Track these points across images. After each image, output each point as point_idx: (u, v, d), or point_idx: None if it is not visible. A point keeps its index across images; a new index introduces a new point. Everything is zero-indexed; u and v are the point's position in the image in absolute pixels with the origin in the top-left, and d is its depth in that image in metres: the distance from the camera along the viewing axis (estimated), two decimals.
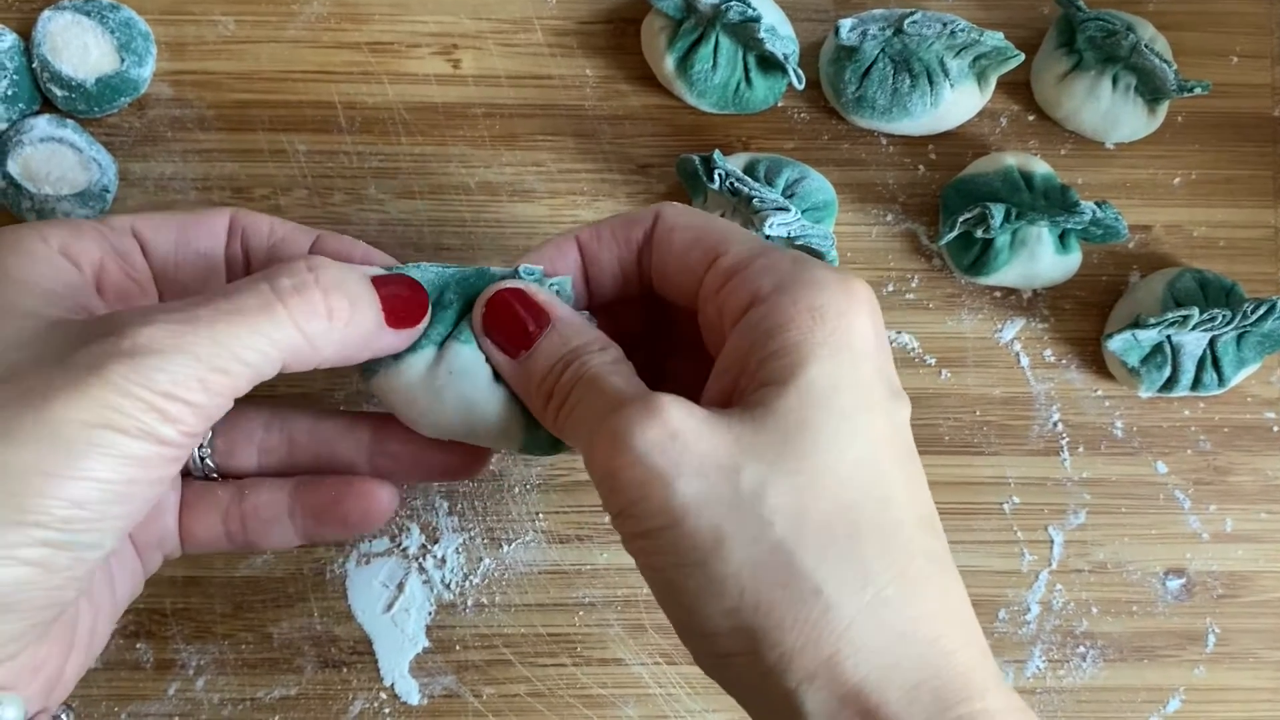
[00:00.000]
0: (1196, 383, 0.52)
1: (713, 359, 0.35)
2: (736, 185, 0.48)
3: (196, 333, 0.31)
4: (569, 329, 0.35)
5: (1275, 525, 0.53)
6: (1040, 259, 0.51)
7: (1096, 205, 0.50)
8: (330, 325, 0.33)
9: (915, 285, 0.54)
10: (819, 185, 0.51)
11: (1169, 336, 0.51)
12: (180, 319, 0.31)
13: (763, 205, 0.48)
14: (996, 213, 0.50)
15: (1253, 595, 0.53)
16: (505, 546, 0.51)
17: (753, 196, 0.48)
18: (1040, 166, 0.52)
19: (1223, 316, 0.50)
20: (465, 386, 0.36)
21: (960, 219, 0.50)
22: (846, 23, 0.51)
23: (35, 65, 0.51)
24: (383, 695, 0.51)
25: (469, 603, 0.51)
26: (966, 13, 0.54)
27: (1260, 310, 0.50)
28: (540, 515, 0.52)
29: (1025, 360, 0.54)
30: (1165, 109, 0.54)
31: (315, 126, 0.53)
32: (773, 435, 0.31)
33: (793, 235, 0.48)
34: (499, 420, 0.37)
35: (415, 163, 0.53)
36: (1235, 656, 0.53)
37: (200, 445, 0.39)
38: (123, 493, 0.31)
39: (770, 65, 0.52)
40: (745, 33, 0.50)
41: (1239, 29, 0.56)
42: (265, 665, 0.50)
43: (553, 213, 0.53)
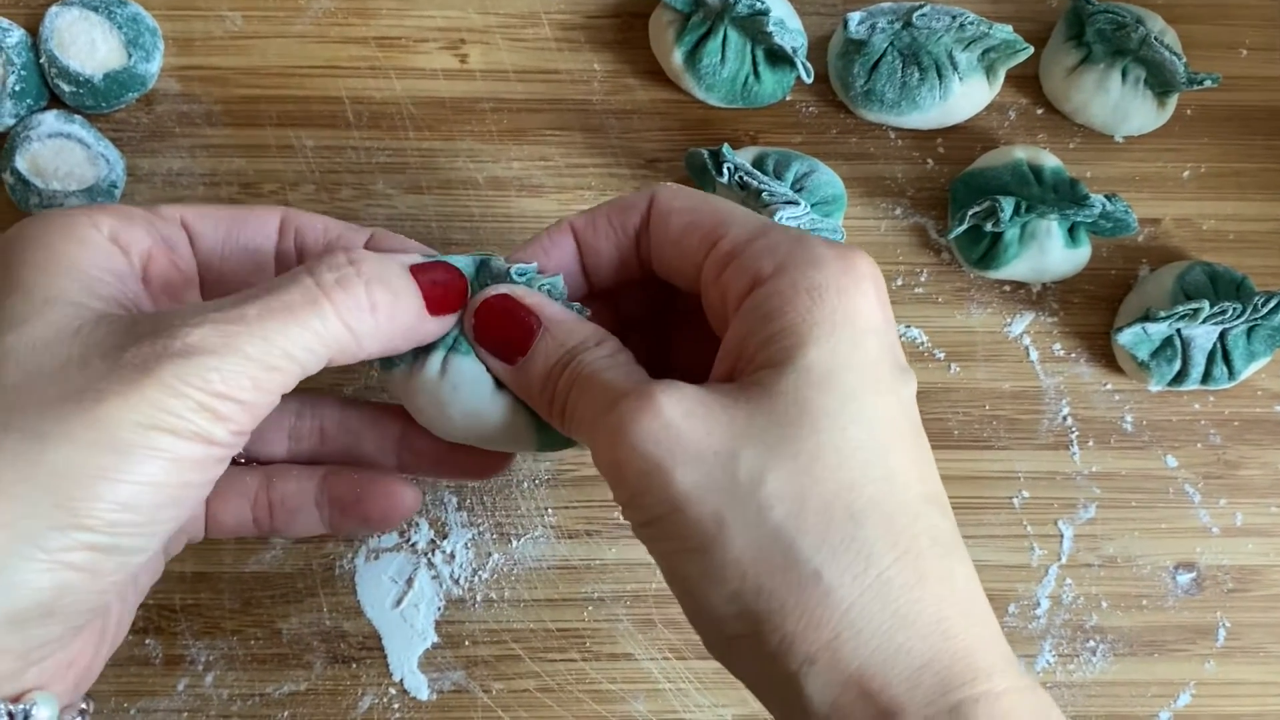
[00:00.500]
0: (1207, 376, 0.52)
1: (719, 339, 0.35)
2: (745, 179, 0.48)
3: (249, 331, 0.31)
4: (562, 329, 0.35)
5: None
6: (1049, 252, 0.51)
7: (1106, 198, 0.50)
8: (374, 319, 0.33)
9: (924, 279, 0.54)
10: (828, 179, 0.51)
11: (1179, 330, 0.51)
12: (230, 318, 0.31)
13: (772, 199, 0.48)
14: (1006, 206, 0.49)
15: (1263, 589, 0.53)
16: (514, 542, 0.51)
17: (762, 190, 0.48)
18: (1049, 160, 0.52)
19: (1233, 310, 0.50)
20: (469, 398, 0.36)
21: (969, 212, 0.50)
22: (855, 16, 0.51)
23: (43, 61, 0.50)
24: (392, 690, 0.50)
25: (478, 598, 0.51)
26: (975, 6, 0.54)
27: (1271, 303, 0.50)
28: (549, 510, 0.52)
29: (1034, 354, 0.54)
30: (1174, 102, 0.54)
31: (323, 122, 0.53)
32: (771, 419, 0.31)
33: (802, 229, 0.48)
34: (507, 427, 0.37)
35: (423, 158, 0.53)
36: (1246, 651, 0.53)
37: None
38: (174, 496, 0.30)
39: (779, 59, 0.52)
40: (753, 26, 0.50)
41: (1249, 22, 0.56)
42: (274, 661, 0.50)
43: (561, 207, 0.53)
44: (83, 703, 0.35)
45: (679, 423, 0.31)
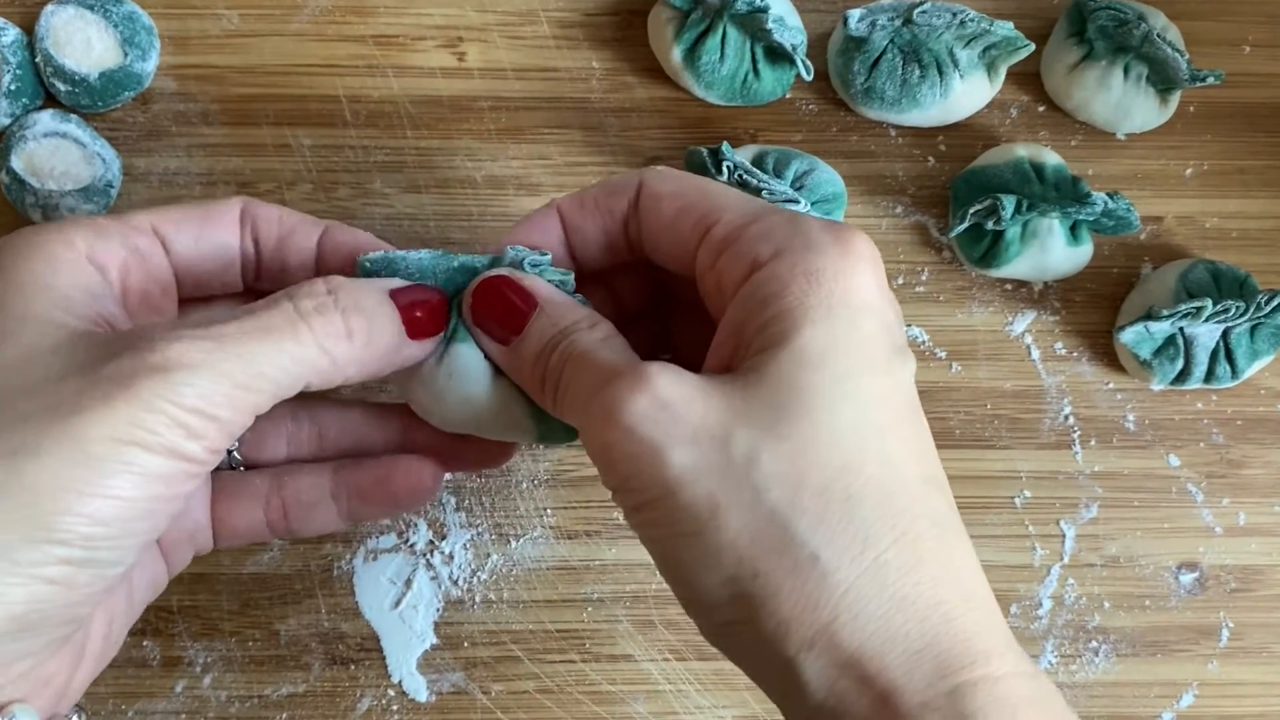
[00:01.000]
0: (1209, 375, 0.51)
1: (717, 324, 0.35)
2: (745, 177, 0.48)
3: (224, 350, 0.31)
4: (556, 309, 0.35)
5: None
6: (1051, 251, 0.51)
7: (1108, 196, 0.49)
8: (351, 345, 0.33)
9: (925, 278, 0.53)
10: (828, 177, 0.51)
11: (1181, 329, 0.51)
12: (208, 335, 0.31)
13: (772, 197, 0.48)
14: (1007, 204, 0.49)
15: (1266, 589, 0.53)
16: (513, 542, 0.51)
17: (762, 188, 0.48)
18: (1051, 158, 0.52)
19: (1236, 308, 0.49)
20: (466, 386, 0.36)
21: (971, 211, 0.50)
22: (855, 13, 0.50)
23: (38, 60, 0.50)
24: (390, 692, 0.50)
25: (477, 599, 0.51)
26: (976, 3, 0.54)
27: (1274, 301, 0.49)
28: (548, 511, 0.51)
29: (1036, 353, 0.53)
30: (1177, 99, 0.54)
31: (320, 120, 0.53)
32: (766, 401, 0.31)
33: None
34: (505, 416, 0.37)
35: (421, 156, 0.53)
36: (1249, 651, 0.53)
37: None
38: (146, 509, 0.31)
39: (778, 56, 0.52)
40: (753, 23, 0.50)
41: (1251, 18, 0.56)
42: (272, 662, 0.50)
43: None
44: (72, 713, 0.35)
45: (674, 403, 0.31)
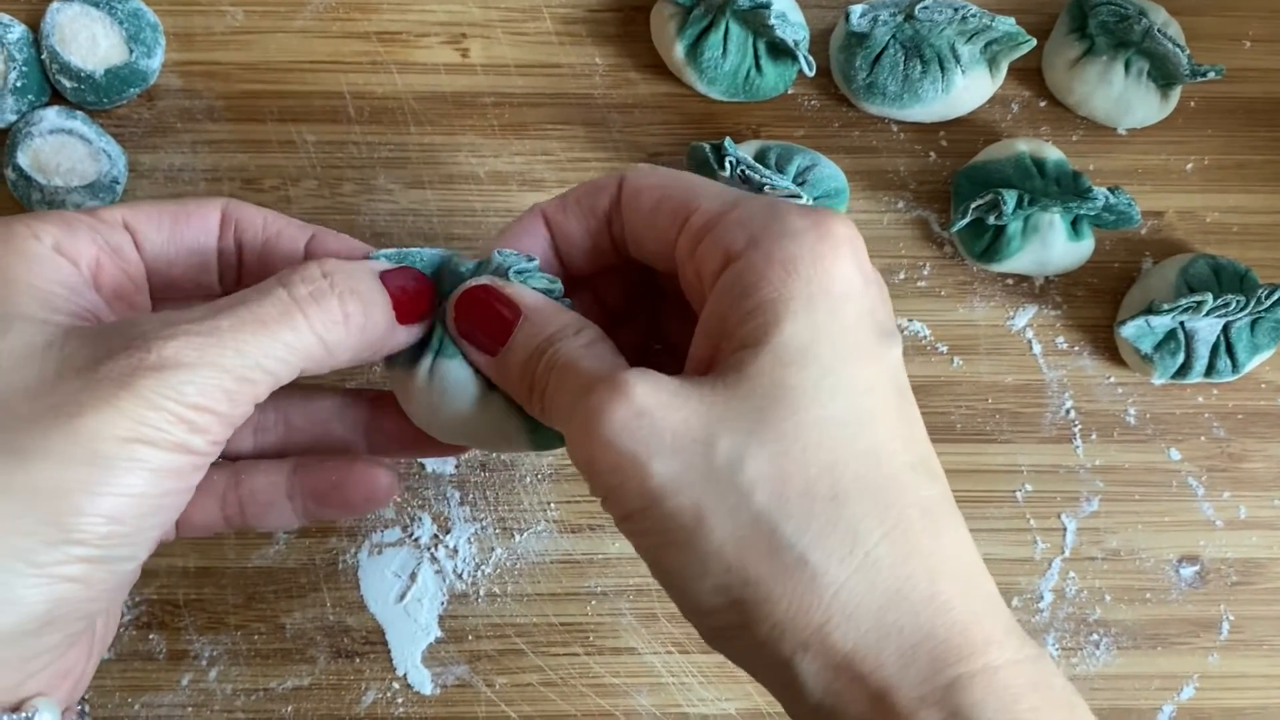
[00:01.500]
0: (1210, 369, 0.51)
1: (699, 315, 0.34)
2: (748, 173, 0.48)
3: (221, 344, 0.31)
4: (540, 317, 0.34)
5: None
6: (1052, 245, 0.51)
7: (1109, 191, 0.49)
8: (346, 330, 0.33)
9: (927, 273, 0.54)
10: (830, 173, 0.51)
11: (1182, 323, 0.51)
12: (203, 329, 0.31)
13: (774, 193, 0.48)
14: (1009, 199, 0.49)
15: (1267, 582, 0.53)
16: (517, 536, 0.51)
17: (764, 184, 0.48)
18: (1052, 153, 0.52)
19: (1237, 302, 0.49)
20: (457, 402, 0.36)
21: (972, 205, 0.50)
22: (857, 9, 0.51)
23: (44, 57, 0.50)
24: (395, 685, 0.51)
25: (481, 592, 0.51)
26: None
27: (1274, 296, 0.49)
28: (552, 505, 0.52)
29: (1037, 347, 0.54)
30: (1178, 94, 0.54)
31: (324, 117, 0.53)
32: (747, 402, 0.30)
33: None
34: (498, 430, 0.36)
35: (425, 152, 0.53)
36: (1249, 644, 0.53)
37: None
38: (158, 504, 0.31)
39: (780, 52, 0.52)
40: (755, 19, 0.50)
41: (1252, 13, 0.56)
42: (278, 656, 0.50)
43: None
44: (78, 705, 0.35)
45: (652, 411, 0.30)
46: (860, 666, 0.30)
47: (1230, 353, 0.51)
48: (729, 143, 0.49)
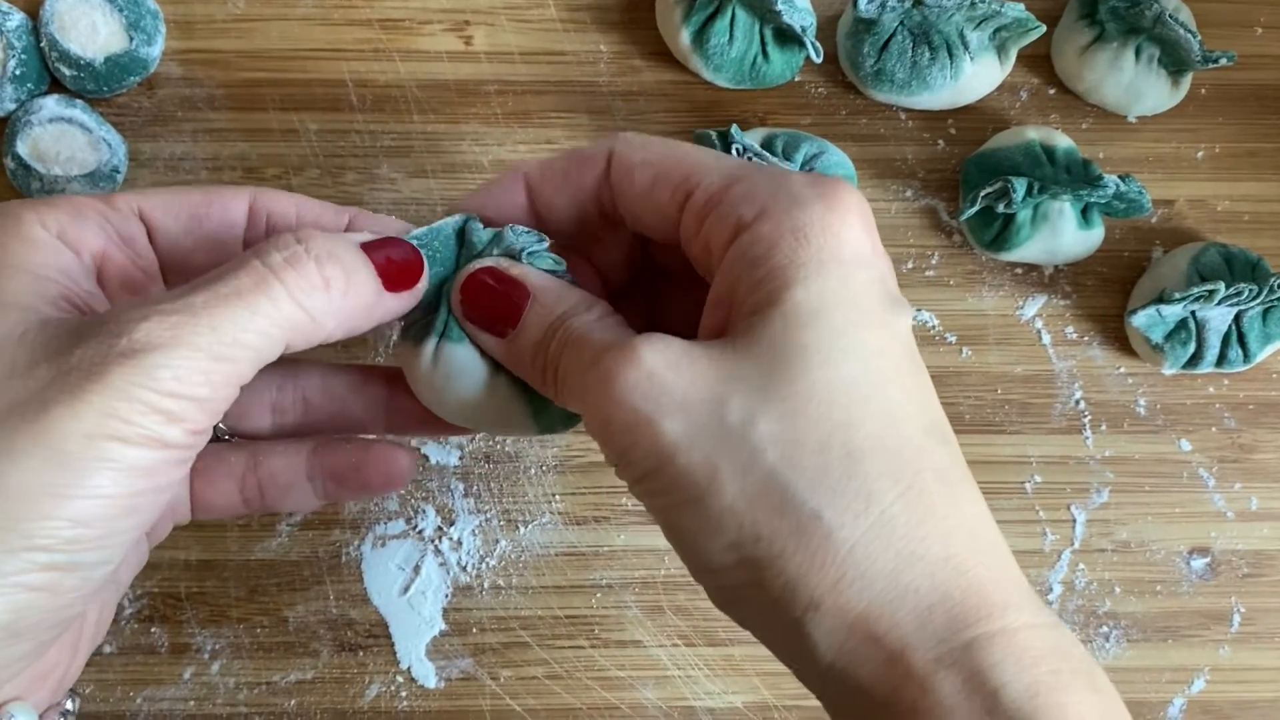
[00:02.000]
0: (1221, 359, 0.51)
1: (709, 286, 0.34)
2: (754, 160, 0.48)
3: (195, 321, 0.29)
4: (550, 296, 0.34)
5: None
6: (1062, 234, 0.51)
7: (1119, 179, 0.49)
8: (329, 296, 0.32)
9: (935, 262, 0.53)
10: (837, 160, 0.51)
11: (1193, 312, 0.50)
12: (176, 308, 0.29)
13: None
14: (1018, 187, 0.49)
15: (1278, 574, 0.53)
16: (522, 528, 0.51)
17: None
18: (1062, 140, 0.52)
19: (1248, 291, 0.49)
20: (462, 386, 0.35)
21: (981, 194, 0.50)
22: None
23: (43, 44, 0.50)
24: (399, 678, 0.50)
25: (485, 585, 0.51)
26: None
27: None
28: (557, 497, 0.51)
29: (1047, 337, 0.53)
30: (1189, 81, 0.53)
31: (326, 105, 0.52)
32: (759, 362, 0.30)
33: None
34: (504, 413, 0.36)
35: (428, 141, 0.52)
36: (1260, 636, 0.52)
37: None
38: (129, 505, 0.29)
39: (787, 39, 0.51)
40: (762, 6, 0.49)
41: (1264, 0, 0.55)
42: (281, 649, 0.50)
43: None
44: (68, 701, 0.34)
45: (662, 372, 0.30)
46: (875, 626, 0.29)
47: (1242, 342, 0.51)
48: (736, 130, 0.48)
